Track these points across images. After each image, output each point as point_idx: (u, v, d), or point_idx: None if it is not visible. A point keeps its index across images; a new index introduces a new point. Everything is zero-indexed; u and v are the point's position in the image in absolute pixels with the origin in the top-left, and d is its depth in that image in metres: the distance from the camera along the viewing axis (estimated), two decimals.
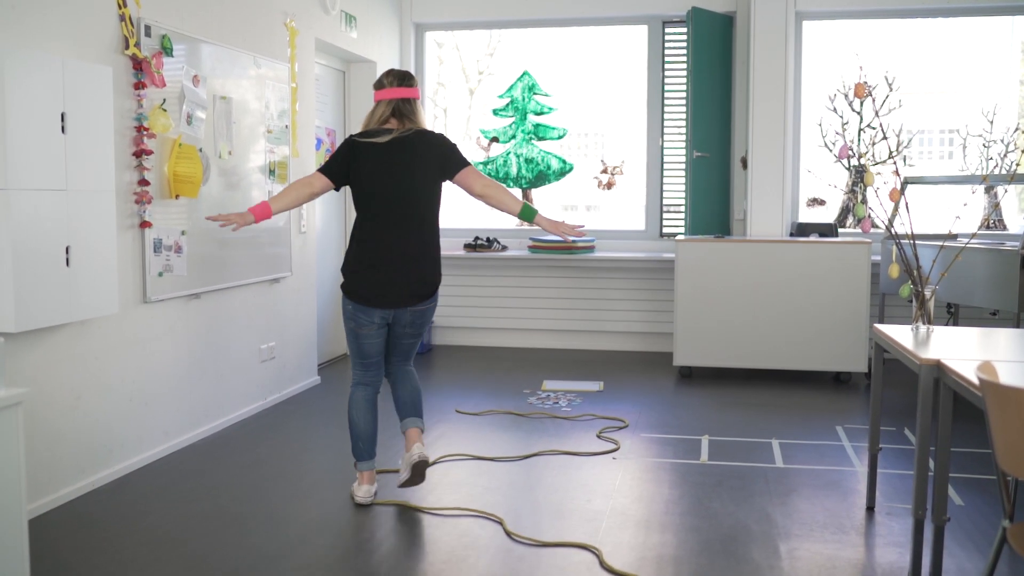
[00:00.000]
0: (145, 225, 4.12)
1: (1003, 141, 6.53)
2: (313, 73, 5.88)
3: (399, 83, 3.67)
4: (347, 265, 3.67)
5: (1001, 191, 6.48)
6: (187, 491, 3.84)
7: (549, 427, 4.89)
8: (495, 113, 7.45)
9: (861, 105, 6.52)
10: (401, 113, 3.65)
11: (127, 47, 3.97)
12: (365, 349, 3.70)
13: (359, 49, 6.57)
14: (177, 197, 4.30)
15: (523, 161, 7.36)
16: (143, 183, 4.09)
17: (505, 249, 7.22)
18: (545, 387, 5.82)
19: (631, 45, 7.42)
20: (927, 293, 3.30)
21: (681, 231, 7.10)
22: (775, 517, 3.55)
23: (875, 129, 6.53)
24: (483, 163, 7.43)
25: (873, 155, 6.56)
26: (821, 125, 6.59)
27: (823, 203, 7.05)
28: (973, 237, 3.91)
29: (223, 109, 4.72)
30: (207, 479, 4.00)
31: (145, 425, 4.19)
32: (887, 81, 6.50)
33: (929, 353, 2.93)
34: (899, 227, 5.50)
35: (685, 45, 6.96)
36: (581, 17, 7.26)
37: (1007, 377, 2.50)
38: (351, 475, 3.95)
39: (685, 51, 6.96)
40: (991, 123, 6.51)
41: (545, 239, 6.96)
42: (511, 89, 7.38)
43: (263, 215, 3.60)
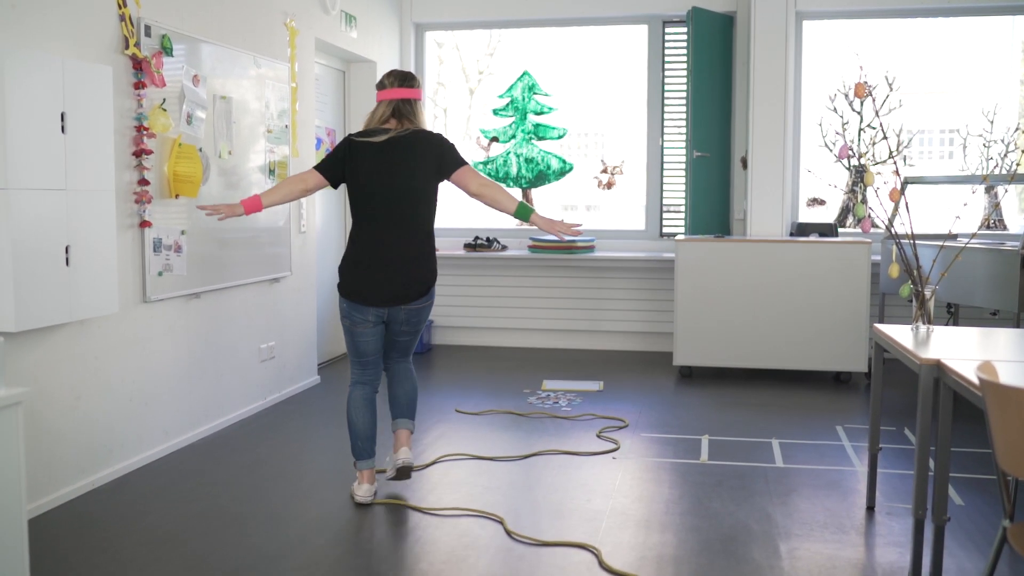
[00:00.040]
0: (145, 225, 4.12)
1: (1003, 141, 6.53)
2: (313, 73, 5.88)
3: (400, 84, 3.70)
4: (342, 263, 3.72)
5: (1001, 191, 6.48)
6: (187, 491, 3.84)
7: (549, 427, 4.89)
8: (495, 113, 7.45)
9: (861, 105, 6.52)
10: (401, 113, 3.69)
11: (127, 47, 3.97)
12: (361, 347, 3.73)
13: (359, 49, 6.57)
14: (177, 197, 4.30)
15: (523, 161, 7.36)
16: (143, 183, 4.09)
17: (505, 249, 7.22)
18: (545, 387, 5.82)
19: (631, 45, 7.41)
20: (927, 293, 3.30)
21: (681, 231, 7.10)
22: (775, 517, 3.55)
23: (875, 129, 6.53)
24: (483, 163, 7.43)
25: (873, 155, 6.56)
26: (821, 125, 6.59)
27: (823, 203, 7.05)
28: (973, 237, 3.91)
29: (223, 109, 4.72)
30: (207, 479, 4.00)
31: (145, 425, 4.19)
32: (887, 81, 6.49)
33: (929, 353, 2.93)
34: (899, 227, 5.50)
35: (685, 45, 6.96)
36: (581, 17, 7.26)
37: (1007, 377, 2.50)
38: (351, 475, 3.95)
39: (685, 51, 6.96)
40: (991, 123, 6.51)
41: (545, 239, 6.96)
42: (511, 89, 7.38)
43: (253, 208, 3.66)
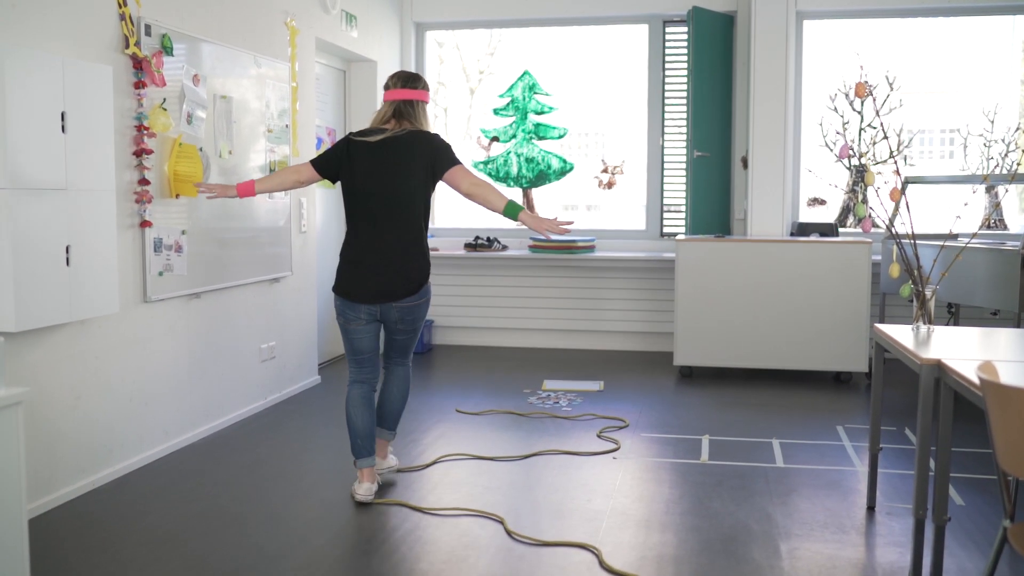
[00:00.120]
0: (145, 224, 4.12)
1: (1004, 141, 6.53)
2: (313, 72, 5.88)
3: (402, 85, 3.74)
4: (338, 262, 3.77)
5: (1002, 191, 6.48)
6: (187, 491, 3.84)
7: (549, 427, 4.89)
8: (496, 112, 7.45)
9: (862, 104, 6.52)
10: (401, 114, 3.72)
11: (127, 46, 3.97)
12: (356, 345, 3.76)
13: (359, 48, 6.56)
14: (177, 196, 4.30)
15: (524, 160, 7.36)
16: (143, 182, 4.09)
17: (505, 249, 7.22)
18: (545, 387, 5.82)
19: (632, 44, 7.41)
20: (928, 293, 3.29)
21: (681, 231, 7.10)
22: (775, 517, 3.55)
23: (876, 129, 6.53)
24: (484, 162, 7.43)
25: (874, 155, 6.57)
26: (822, 125, 6.59)
27: (824, 203, 7.05)
28: (974, 237, 3.91)
29: (223, 108, 4.72)
30: (207, 479, 4.00)
31: (145, 425, 4.19)
32: (888, 81, 6.49)
33: (930, 353, 2.93)
34: (900, 227, 5.50)
35: (686, 44, 6.96)
36: (582, 16, 7.26)
37: (1008, 377, 2.49)
38: (351, 474, 3.95)
39: (686, 50, 6.96)
40: (992, 123, 6.51)
41: (545, 238, 6.96)
42: (512, 88, 7.37)
43: (246, 192, 3.82)
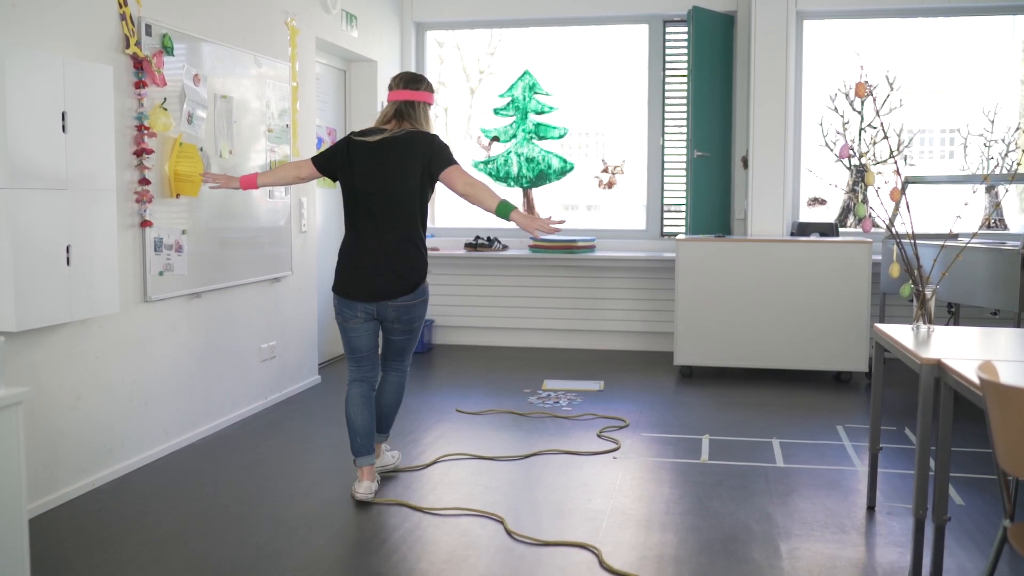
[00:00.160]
0: (146, 224, 4.12)
1: (1004, 140, 6.53)
2: (314, 72, 5.88)
3: (404, 86, 3.78)
4: (337, 261, 3.82)
5: (1002, 191, 6.48)
6: (187, 490, 3.84)
7: (549, 426, 4.89)
8: (496, 112, 7.45)
9: (862, 104, 6.52)
10: (402, 115, 3.76)
11: (128, 46, 3.97)
12: (353, 343, 3.79)
13: (360, 48, 6.56)
14: (178, 196, 4.30)
15: (524, 160, 7.36)
16: (144, 182, 4.09)
17: (506, 248, 7.22)
18: (546, 386, 5.82)
19: (632, 44, 7.41)
20: (928, 293, 3.29)
21: (682, 230, 7.10)
22: (776, 517, 3.55)
23: (876, 128, 6.53)
24: (484, 162, 7.43)
25: (874, 154, 6.57)
26: (822, 124, 6.59)
27: (824, 202, 7.05)
28: (974, 237, 3.91)
29: (224, 108, 4.72)
30: (207, 479, 4.00)
31: (145, 424, 4.19)
32: (888, 80, 6.49)
33: (930, 353, 2.93)
34: (900, 227, 5.50)
35: (686, 44, 6.96)
36: (582, 16, 7.26)
37: (1008, 377, 2.50)
38: (351, 474, 3.95)
39: (686, 50, 6.96)
40: (992, 122, 6.51)
41: (546, 238, 6.96)
42: (512, 88, 7.37)
43: (249, 184, 3.98)
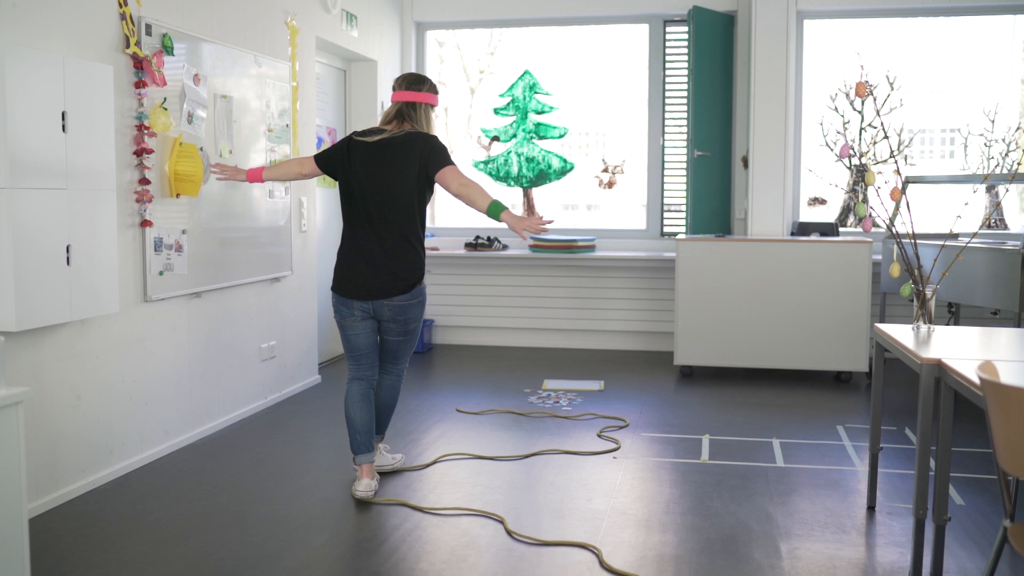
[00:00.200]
0: (146, 224, 4.12)
1: (1004, 140, 6.53)
2: (314, 72, 5.87)
3: (406, 87, 3.81)
4: (336, 260, 3.87)
5: (1002, 190, 6.48)
6: (187, 490, 3.84)
7: (550, 426, 4.89)
8: (496, 112, 7.45)
9: (862, 104, 6.52)
10: (403, 116, 3.80)
11: (128, 46, 3.97)
12: (352, 342, 3.83)
13: (360, 48, 6.56)
14: (178, 196, 4.30)
15: (524, 160, 7.36)
16: (144, 182, 4.09)
17: (506, 248, 7.22)
18: (546, 386, 5.82)
19: (632, 44, 7.41)
20: (928, 292, 3.29)
21: (682, 230, 7.10)
22: (776, 516, 3.55)
23: (876, 128, 6.53)
24: (484, 162, 7.43)
25: (874, 154, 6.57)
26: (822, 124, 6.59)
27: (824, 202, 7.05)
28: (974, 236, 3.91)
29: (224, 108, 4.72)
30: (207, 478, 4.00)
31: (146, 424, 4.19)
32: (888, 80, 6.49)
33: (930, 352, 2.93)
34: (900, 226, 5.51)
35: (686, 44, 6.96)
36: (582, 16, 7.26)
37: (1008, 377, 2.50)
38: (351, 474, 3.95)
39: (686, 50, 6.96)
40: (992, 122, 6.50)
41: (546, 238, 6.96)
42: (512, 88, 7.37)
43: (254, 178, 4.09)
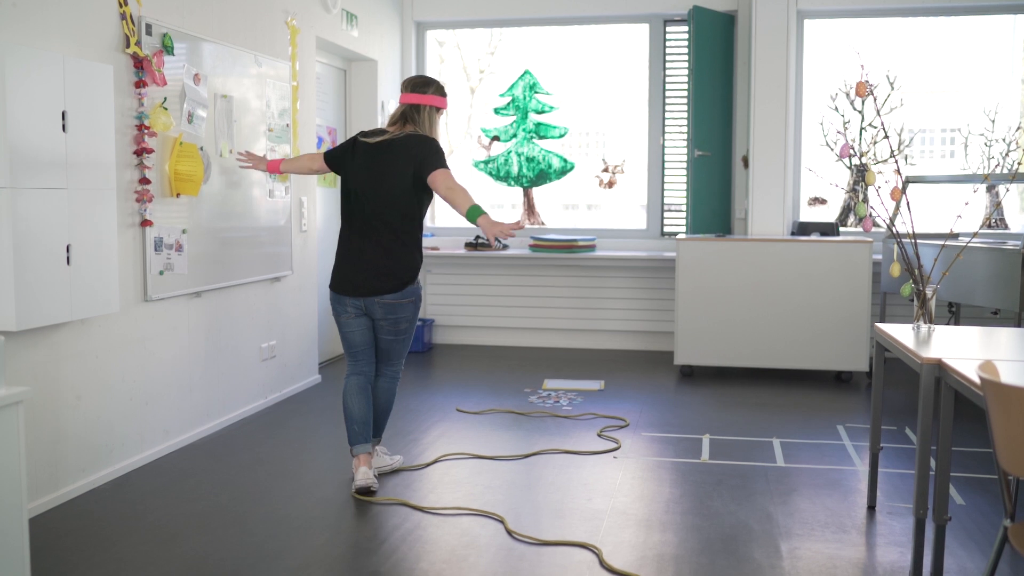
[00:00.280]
0: (146, 224, 4.12)
1: (1005, 140, 6.53)
2: (314, 72, 5.87)
3: (411, 89, 3.90)
4: (335, 258, 3.96)
5: (1003, 190, 6.48)
6: (187, 490, 3.84)
7: (550, 426, 4.89)
8: (496, 112, 7.45)
9: (862, 104, 6.52)
10: (407, 118, 3.88)
11: (128, 45, 3.97)
12: (348, 338, 3.90)
13: (360, 48, 6.56)
14: (178, 196, 4.30)
15: (524, 160, 7.36)
16: (144, 181, 4.09)
17: (506, 248, 7.22)
18: (546, 386, 5.82)
19: (632, 44, 7.41)
20: (928, 292, 3.29)
21: (682, 230, 7.10)
22: (776, 516, 3.55)
23: (876, 128, 6.53)
24: (484, 162, 7.43)
25: (874, 154, 6.57)
26: (822, 124, 6.59)
27: (824, 202, 7.05)
28: (974, 236, 3.91)
29: (224, 107, 4.72)
30: (207, 478, 4.00)
31: (146, 424, 4.19)
32: (888, 80, 6.49)
33: (930, 352, 2.93)
34: (900, 226, 5.50)
35: (686, 44, 6.96)
36: (582, 16, 7.26)
37: (1008, 376, 2.49)
38: (351, 474, 3.95)
39: (686, 50, 6.96)
40: (993, 122, 6.50)
41: (546, 238, 6.96)
42: (512, 88, 7.37)
43: (273, 169, 4.32)
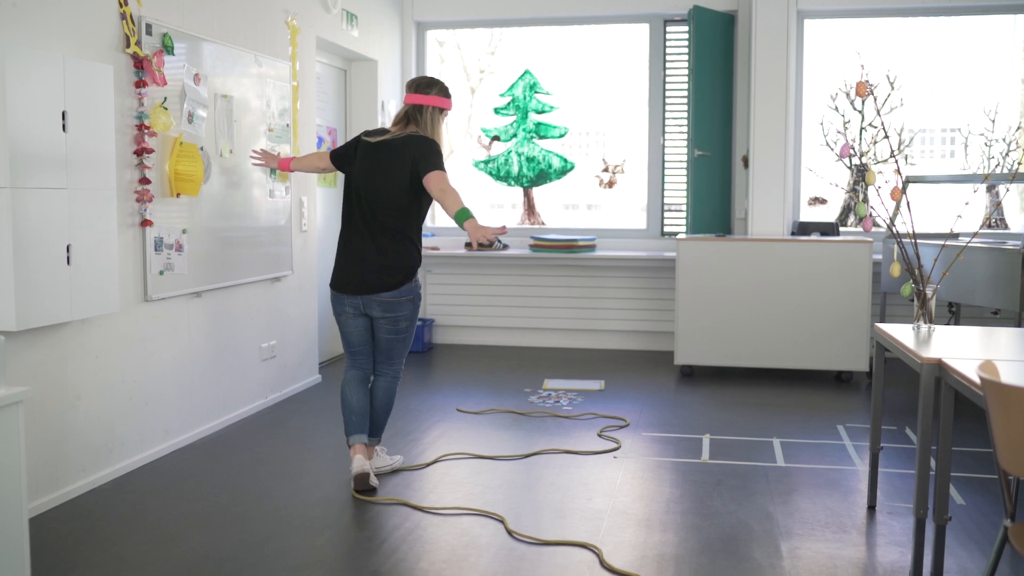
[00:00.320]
0: (146, 223, 4.12)
1: (1005, 140, 6.53)
2: (314, 71, 5.87)
3: (415, 90, 3.93)
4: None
5: (1003, 190, 6.48)
6: (187, 490, 3.84)
7: (550, 426, 4.89)
8: (496, 112, 7.45)
9: (863, 104, 6.52)
10: (410, 118, 3.91)
11: (128, 45, 3.97)
12: (347, 337, 3.94)
13: (360, 48, 6.56)
14: (178, 195, 4.30)
15: (524, 160, 7.36)
16: (144, 181, 4.09)
17: (506, 248, 7.22)
18: (546, 386, 5.82)
19: (632, 44, 7.41)
20: (928, 292, 3.29)
21: (682, 230, 7.10)
22: (776, 516, 3.55)
23: (876, 128, 6.53)
24: (484, 162, 7.43)
25: (874, 154, 6.57)
26: (822, 124, 6.59)
27: (824, 202, 7.05)
28: (974, 236, 3.91)
29: (224, 107, 4.72)
30: (207, 478, 4.00)
31: (146, 424, 4.19)
32: (888, 80, 6.49)
33: (930, 352, 2.93)
34: (900, 226, 5.50)
35: (686, 44, 6.96)
36: (583, 15, 7.26)
37: (1008, 376, 2.49)
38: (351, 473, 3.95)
39: (686, 50, 6.96)
40: (993, 122, 6.50)
41: (546, 237, 6.96)
42: (512, 88, 7.37)
43: (283, 167, 4.41)
